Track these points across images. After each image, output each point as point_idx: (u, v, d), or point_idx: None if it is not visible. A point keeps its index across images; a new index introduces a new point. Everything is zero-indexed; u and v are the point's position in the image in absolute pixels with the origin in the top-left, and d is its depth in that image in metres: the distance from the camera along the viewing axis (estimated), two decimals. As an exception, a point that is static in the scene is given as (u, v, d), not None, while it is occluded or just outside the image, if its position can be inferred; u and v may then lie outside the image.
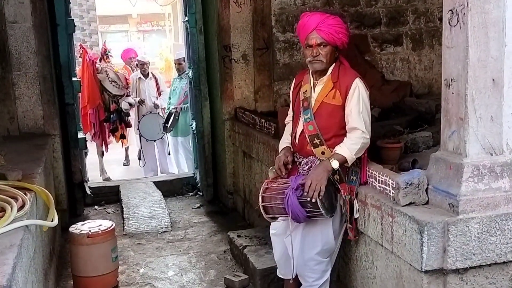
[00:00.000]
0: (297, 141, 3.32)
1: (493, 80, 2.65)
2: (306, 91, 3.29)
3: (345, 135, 3.18)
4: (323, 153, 3.20)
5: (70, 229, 4.14)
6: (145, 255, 4.82)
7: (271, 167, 3.40)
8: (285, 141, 3.47)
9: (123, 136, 8.16)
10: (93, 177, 8.00)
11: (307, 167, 3.24)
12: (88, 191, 6.00)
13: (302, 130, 3.26)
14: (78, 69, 7.52)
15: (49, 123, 5.28)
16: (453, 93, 2.74)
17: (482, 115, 2.67)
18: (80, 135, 5.81)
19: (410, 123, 4.54)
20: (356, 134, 3.13)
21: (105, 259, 4.11)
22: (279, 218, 3.27)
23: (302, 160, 3.30)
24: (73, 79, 5.66)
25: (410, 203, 2.81)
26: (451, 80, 2.74)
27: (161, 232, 5.35)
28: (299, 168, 3.29)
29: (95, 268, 4.08)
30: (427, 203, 2.83)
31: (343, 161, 3.09)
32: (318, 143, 3.20)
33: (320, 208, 3.01)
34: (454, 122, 2.75)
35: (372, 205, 3.04)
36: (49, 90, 5.26)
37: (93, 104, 7.53)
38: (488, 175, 2.69)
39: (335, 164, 3.06)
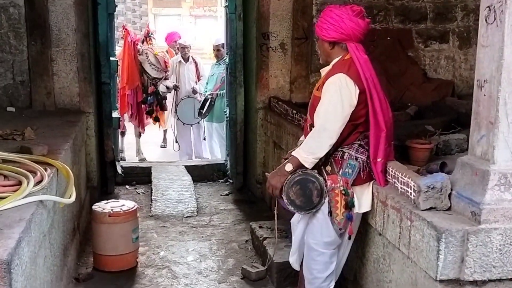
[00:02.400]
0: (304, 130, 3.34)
1: (529, 84, 2.48)
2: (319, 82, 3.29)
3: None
4: None
5: (93, 207, 4.18)
6: (168, 238, 4.84)
7: None
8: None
9: (157, 119, 8.21)
10: (130, 157, 8.12)
11: None
12: (120, 171, 6.06)
13: (306, 119, 3.30)
14: (119, 50, 7.62)
15: (85, 100, 5.34)
16: (484, 95, 2.58)
17: (514, 120, 2.50)
18: (115, 114, 5.86)
19: (446, 124, 4.35)
20: (313, 131, 3.05)
21: (125, 239, 4.14)
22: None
23: None
24: (111, 58, 5.69)
25: (430, 208, 2.67)
26: (484, 81, 2.59)
27: (187, 217, 5.36)
28: None
29: (115, 247, 4.11)
30: (449, 209, 2.69)
31: (297, 163, 3.03)
32: None
33: (288, 205, 3.05)
34: (484, 126, 2.59)
35: (392, 207, 2.91)
36: (86, 68, 5.32)
37: (132, 85, 7.59)
38: (516, 185, 2.53)
39: (288, 167, 3.05)
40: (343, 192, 3.01)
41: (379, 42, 5.78)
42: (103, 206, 4.16)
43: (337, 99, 2.95)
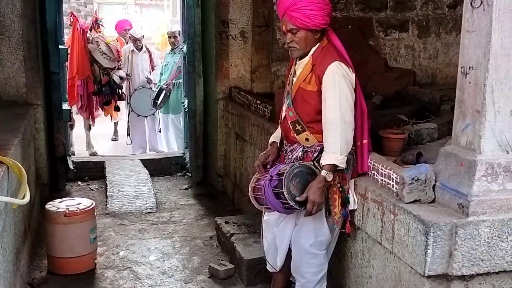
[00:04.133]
0: (281, 126, 3.12)
1: (516, 70, 2.40)
2: (291, 74, 3.04)
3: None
4: (307, 139, 2.97)
5: (47, 206, 3.88)
6: (127, 236, 4.58)
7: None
8: (277, 131, 3.23)
9: (117, 108, 7.87)
10: (79, 151, 7.75)
11: (291, 155, 3.02)
12: (71, 166, 5.73)
13: (285, 116, 3.04)
14: (67, 38, 7.23)
15: (32, 91, 4.99)
16: (470, 83, 2.49)
17: (501, 108, 2.42)
18: (65, 106, 5.52)
19: (414, 113, 4.28)
20: (333, 129, 2.82)
21: (82, 240, 3.86)
22: (265, 207, 3.02)
23: (288, 148, 3.08)
24: (60, 46, 5.35)
25: (415, 201, 2.57)
26: (469, 68, 2.49)
27: (145, 213, 5.10)
28: (285, 155, 3.09)
29: (71, 249, 3.83)
30: (433, 201, 2.59)
31: (334, 168, 2.82)
32: (301, 130, 2.97)
33: (288, 200, 2.80)
34: (469, 114, 2.50)
35: (373, 200, 2.79)
36: (33, 57, 4.97)
37: (82, 75, 7.20)
38: (503, 175, 2.45)
39: (329, 177, 2.81)
40: (340, 189, 2.88)
41: (340, 31, 5.66)
42: (58, 205, 3.86)
43: (346, 88, 2.82)
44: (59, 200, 4.00)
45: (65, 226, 3.80)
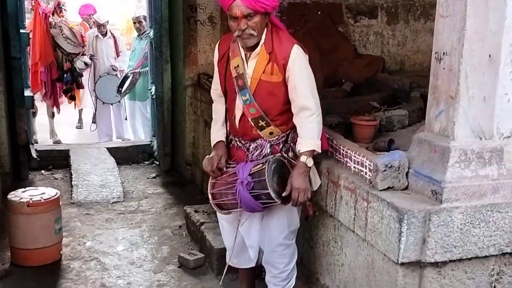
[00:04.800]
0: (238, 126, 2.85)
1: (490, 56, 2.38)
2: (238, 66, 2.76)
3: (290, 111, 2.77)
4: (271, 133, 2.81)
5: (9, 196, 3.74)
6: (93, 226, 4.46)
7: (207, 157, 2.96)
8: (218, 130, 2.97)
9: (73, 97, 7.63)
10: (43, 139, 7.52)
11: (257, 152, 2.84)
12: (34, 155, 5.55)
13: (243, 114, 2.80)
14: (29, 22, 6.98)
15: (-8, 77, 4.80)
16: (444, 68, 2.46)
17: (474, 94, 2.40)
18: (27, 93, 5.33)
19: (385, 100, 4.27)
20: (308, 116, 2.70)
21: (47, 230, 3.74)
22: (234, 211, 2.88)
23: (249, 146, 2.86)
24: (21, 31, 5.14)
25: (388, 188, 2.54)
26: (443, 53, 2.47)
27: (112, 203, 4.99)
28: (247, 154, 2.86)
29: (36, 240, 3.70)
30: (406, 188, 2.58)
31: (312, 154, 2.73)
32: (265, 125, 2.78)
33: (275, 199, 2.68)
34: (443, 100, 2.48)
35: (346, 187, 2.76)
36: (-8, 41, 4.77)
37: (45, 61, 6.96)
38: (475, 161, 2.44)
39: (310, 162, 2.70)
40: None
41: (310, 17, 5.63)
42: (20, 195, 3.72)
43: (310, 71, 2.75)
44: (22, 190, 3.85)
45: (28, 217, 3.67)
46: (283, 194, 2.67)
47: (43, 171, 5.82)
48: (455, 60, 2.38)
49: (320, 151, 2.76)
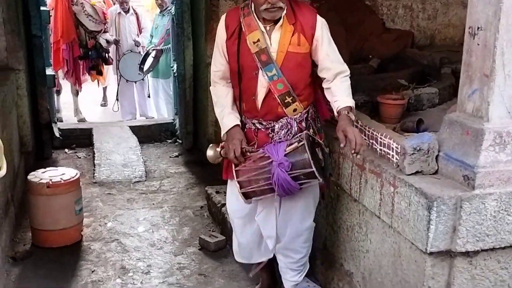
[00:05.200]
0: (260, 105, 2.68)
1: (529, 31, 2.20)
2: (259, 40, 2.60)
3: (311, 84, 2.75)
4: (295, 110, 2.69)
5: (29, 177, 3.70)
6: (115, 207, 4.42)
7: (212, 146, 2.84)
8: (229, 113, 2.75)
9: (100, 73, 7.58)
10: (68, 117, 7.53)
11: (283, 131, 2.70)
12: (57, 133, 5.52)
13: (270, 91, 2.64)
14: (51, 0, 6.92)
15: (13, 56, 4.74)
16: (478, 44, 2.29)
17: (511, 72, 2.23)
18: (49, 71, 5.28)
19: (413, 76, 4.09)
20: (343, 77, 2.67)
21: (67, 211, 3.71)
22: (264, 197, 2.70)
23: (273, 126, 2.71)
24: (42, 8, 5.07)
25: (416, 172, 2.40)
26: (478, 28, 2.29)
27: (134, 182, 4.94)
28: (272, 135, 2.71)
29: (56, 221, 3.67)
30: (436, 172, 2.43)
31: (351, 110, 2.62)
32: (291, 101, 2.66)
33: (318, 177, 2.56)
34: (477, 79, 2.31)
35: (371, 171, 2.62)
36: (13, 19, 4.70)
37: (67, 39, 6.90)
38: (511, 144, 2.28)
39: (352, 115, 2.59)
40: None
41: (336, -10, 5.43)
42: (40, 176, 3.68)
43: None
44: (42, 170, 3.82)
45: (48, 198, 3.63)
46: (342, 145, 2.47)
47: (66, 150, 5.81)
48: (491, 35, 2.20)
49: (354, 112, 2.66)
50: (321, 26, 2.65)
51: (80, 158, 5.64)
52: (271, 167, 2.57)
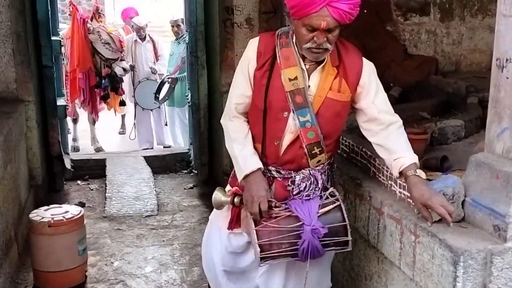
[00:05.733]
0: (282, 151, 2.32)
1: None
2: (297, 78, 2.24)
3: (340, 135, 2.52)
4: (318, 161, 2.35)
5: (30, 216, 3.53)
6: (123, 244, 4.23)
7: (220, 189, 2.49)
8: (252, 154, 2.33)
9: (123, 103, 7.49)
10: (85, 146, 7.44)
11: (304, 184, 2.33)
12: (68, 165, 5.39)
13: (297, 138, 2.28)
14: (67, 29, 6.89)
15: (23, 87, 4.62)
16: (507, 78, 2.06)
17: (546, 109, 1.99)
18: (61, 102, 5.16)
19: (437, 107, 3.84)
20: (398, 129, 2.35)
21: (70, 252, 3.52)
22: (279, 260, 2.32)
23: (294, 177, 2.34)
24: (53, 38, 4.98)
25: (440, 220, 2.15)
26: (506, 60, 2.06)
27: (145, 216, 4.75)
28: (292, 188, 2.34)
29: (58, 262, 3.49)
30: (462, 220, 2.18)
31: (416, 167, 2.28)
32: (318, 152, 2.31)
33: (350, 246, 2.27)
34: (507, 116, 2.07)
35: (390, 216, 2.38)
36: (23, 50, 4.59)
37: (83, 67, 6.83)
38: (548, 190, 2.02)
39: (423, 174, 2.23)
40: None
41: (356, 16, 5.23)
42: (42, 214, 3.52)
43: None
44: (45, 208, 3.65)
45: (50, 238, 3.46)
46: (436, 219, 2.10)
47: (79, 182, 5.66)
48: (522, 68, 1.97)
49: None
50: (369, 72, 2.33)
51: (92, 190, 5.48)
52: (300, 230, 2.19)
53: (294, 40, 2.25)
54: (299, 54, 2.25)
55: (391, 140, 2.30)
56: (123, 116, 8.45)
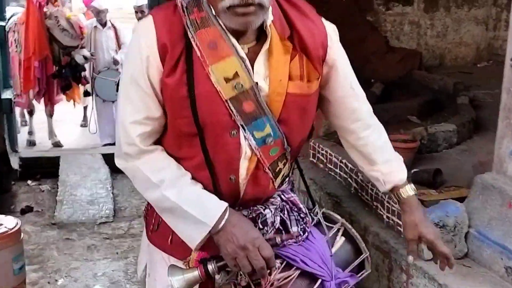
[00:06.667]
0: (242, 189, 1.48)
1: None
2: (237, 75, 1.40)
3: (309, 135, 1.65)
4: (283, 176, 1.56)
5: (-44, 229, 3.03)
6: (71, 257, 3.75)
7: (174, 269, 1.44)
8: (203, 192, 1.44)
9: (87, 93, 6.95)
10: (42, 140, 6.89)
11: (279, 218, 1.51)
12: (15, 165, 4.86)
13: (258, 163, 1.47)
14: (22, 13, 6.33)
15: (-40, 78, 4.13)
16: (526, 83, 1.65)
17: None
18: (5, 95, 4.63)
19: (424, 107, 3.45)
20: (382, 129, 1.68)
21: (3, 271, 3.00)
22: None
23: (264, 215, 1.49)
24: (-4, 23, 4.45)
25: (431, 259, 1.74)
26: (525, 60, 1.65)
27: (99, 224, 4.26)
28: (265, 232, 1.47)
29: (-12, 283, 3.00)
30: (465, 256, 1.78)
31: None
32: (282, 166, 1.52)
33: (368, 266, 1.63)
34: (524, 130, 1.67)
35: (376, 247, 1.97)
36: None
37: (40, 55, 6.25)
38: None
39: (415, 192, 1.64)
40: None
41: (333, 4, 4.81)
42: (-30, 228, 3.02)
43: None
44: (-24, 219, 3.15)
45: (-21, 255, 2.97)
46: (428, 258, 1.63)
47: (29, 182, 5.13)
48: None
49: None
50: (336, 39, 1.54)
51: (43, 191, 4.97)
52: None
53: (213, 11, 1.40)
54: (227, 31, 1.41)
55: (377, 146, 1.63)
56: (85, 108, 7.88)
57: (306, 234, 1.50)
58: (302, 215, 1.53)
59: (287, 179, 1.59)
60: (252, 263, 1.35)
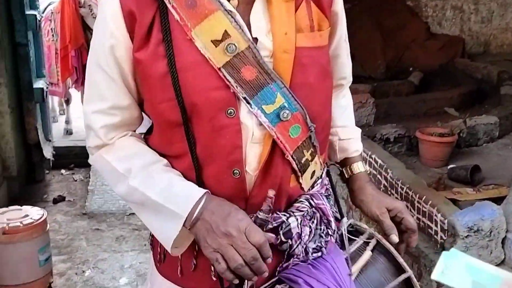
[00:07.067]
0: (251, 186, 1.16)
1: None
2: (227, 34, 1.10)
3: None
4: (313, 174, 1.24)
5: (-17, 220, 3.04)
6: (100, 248, 3.73)
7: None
8: (178, 177, 1.17)
9: None
10: (79, 129, 6.93)
11: (309, 230, 1.21)
12: (48, 155, 4.88)
13: (273, 148, 1.15)
14: (58, 2, 6.35)
15: (-9, 68, 4.14)
16: None
17: None
18: (38, 84, 4.64)
19: (465, 98, 3.25)
20: (350, 95, 1.48)
21: (29, 263, 3.03)
22: None
23: (287, 225, 1.18)
24: (27, 12, 4.44)
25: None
26: None
27: (129, 214, 4.23)
28: (287, 247, 1.19)
29: (14, 274, 3.00)
30: (502, 262, 1.62)
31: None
32: (310, 158, 1.20)
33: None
34: None
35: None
36: (-9, 26, 4.10)
37: (76, 44, 6.27)
38: None
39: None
40: None
41: (372, -11, 4.64)
42: (-3, 218, 3.02)
43: None
44: (2, 210, 3.15)
45: (5, 247, 2.96)
46: (395, 239, 1.32)
47: (63, 171, 5.17)
48: None
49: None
50: None
51: (76, 181, 4.99)
52: None
53: None
54: None
55: (345, 106, 1.44)
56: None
57: (320, 254, 1.20)
58: (330, 231, 1.23)
59: (319, 181, 1.26)
60: (241, 253, 1.03)
